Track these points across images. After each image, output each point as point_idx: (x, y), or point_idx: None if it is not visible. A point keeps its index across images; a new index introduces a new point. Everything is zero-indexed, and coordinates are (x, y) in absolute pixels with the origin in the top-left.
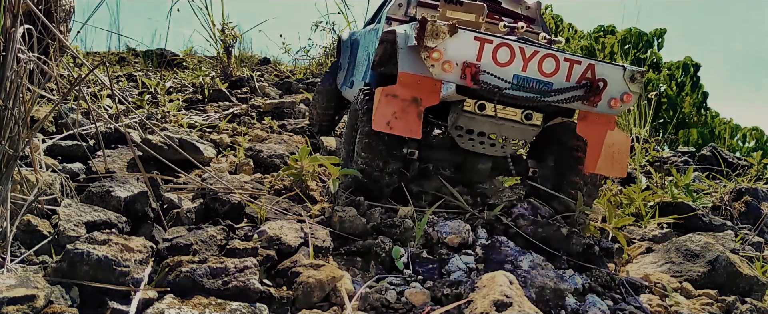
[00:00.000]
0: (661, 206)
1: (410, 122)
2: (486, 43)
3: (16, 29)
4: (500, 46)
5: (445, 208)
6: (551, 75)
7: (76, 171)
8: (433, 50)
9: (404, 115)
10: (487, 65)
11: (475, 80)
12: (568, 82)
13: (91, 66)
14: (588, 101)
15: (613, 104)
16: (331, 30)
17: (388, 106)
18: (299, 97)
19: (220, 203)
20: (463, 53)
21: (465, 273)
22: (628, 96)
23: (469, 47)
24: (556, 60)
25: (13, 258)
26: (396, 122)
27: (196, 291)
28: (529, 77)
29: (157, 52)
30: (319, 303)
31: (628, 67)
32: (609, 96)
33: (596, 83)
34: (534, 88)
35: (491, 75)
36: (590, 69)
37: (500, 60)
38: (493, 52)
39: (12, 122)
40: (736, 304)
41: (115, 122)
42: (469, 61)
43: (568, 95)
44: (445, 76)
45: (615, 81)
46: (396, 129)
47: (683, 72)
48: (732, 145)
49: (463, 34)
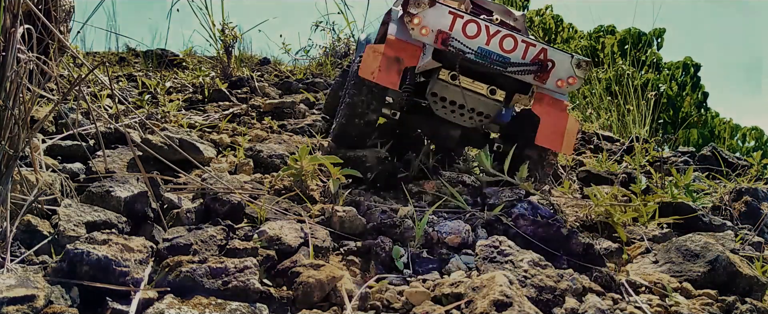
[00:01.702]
0: (661, 206)
1: (391, 74)
2: (458, 17)
3: (16, 29)
4: (469, 21)
5: (445, 208)
6: (510, 52)
7: (76, 171)
8: (415, 16)
9: (387, 69)
10: (456, 34)
11: (445, 43)
12: (523, 59)
13: (91, 66)
14: (538, 77)
15: (559, 84)
16: (331, 30)
17: (375, 60)
18: (299, 97)
19: (220, 204)
20: (438, 22)
21: (465, 273)
22: (574, 79)
23: (444, 18)
24: (515, 40)
25: (13, 258)
26: (379, 74)
27: (196, 291)
28: (491, 50)
29: (157, 52)
30: (319, 303)
31: (575, 56)
32: (557, 77)
33: (546, 63)
34: (494, 60)
35: (459, 42)
36: (543, 52)
37: (468, 33)
38: (463, 25)
39: (12, 122)
40: (736, 304)
41: (115, 122)
42: (443, 30)
43: (521, 68)
44: (422, 39)
45: (563, 64)
46: (378, 79)
47: (683, 72)
48: (732, 145)
49: (440, 6)
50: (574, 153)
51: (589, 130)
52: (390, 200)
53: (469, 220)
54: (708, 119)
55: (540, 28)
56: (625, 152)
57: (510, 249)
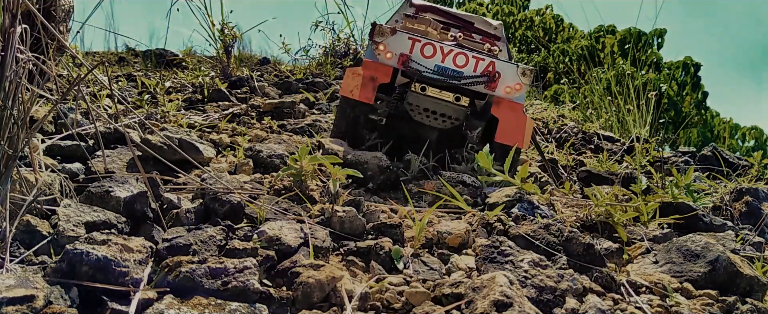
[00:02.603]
0: (662, 207)
1: (368, 91)
2: (416, 42)
3: (14, 29)
4: (426, 44)
5: (445, 208)
6: (462, 67)
7: (76, 171)
8: (380, 44)
9: (364, 87)
10: (415, 56)
11: (405, 64)
12: (475, 72)
13: (91, 66)
14: (488, 86)
15: (507, 91)
16: (331, 30)
17: (353, 79)
18: (299, 97)
19: (219, 204)
20: (399, 46)
21: (465, 273)
22: (520, 85)
23: (404, 43)
24: (466, 57)
25: (13, 258)
26: (357, 91)
27: (195, 292)
28: (446, 67)
29: (157, 52)
30: (319, 303)
31: (520, 65)
32: (504, 84)
33: (494, 74)
34: (449, 74)
35: (417, 63)
36: (491, 65)
37: (426, 53)
38: (421, 48)
39: (11, 122)
40: (736, 304)
41: (115, 122)
42: (404, 53)
43: (472, 80)
44: (387, 62)
45: (509, 74)
46: (356, 96)
47: (683, 72)
48: (732, 144)
49: (401, 34)
50: (575, 153)
51: (589, 130)
52: (390, 200)
53: (469, 220)
54: (708, 118)
55: (540, 28)
56: (626, 152)
57: (510, 249)
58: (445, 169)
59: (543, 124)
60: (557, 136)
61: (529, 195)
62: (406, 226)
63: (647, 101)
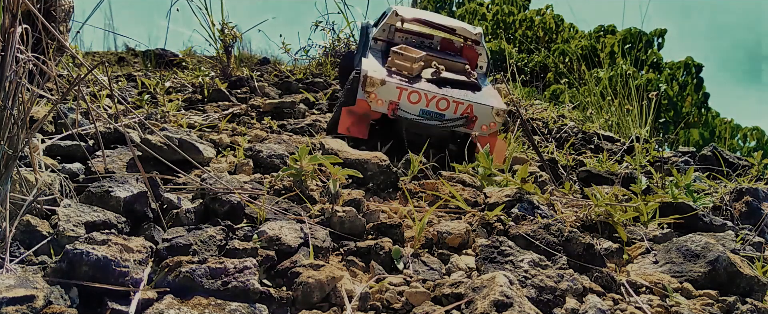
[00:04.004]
0: (662, 207)
1: (362, 129)
2: (403, 90)
3: (14, 29)
4: (412, 92)
5: (445, 208)
6: (444, 110)
7: (76, 171)
8: (371, 93)
9: (358, 124)
10: (403, 103)
11: (393, 113)
12: (455, 114)
13: (90, 66)
14: (467, 126)
15: (483, 128)
16: (331, 30)
17: (348, 118)
18: (299, 97)
19: (219, 204)
20: (389, 94)
21: (465, 273)
22: (494, 124)
23: (393, 92)
24: (448, 101)
25: (13, 259)
26: (353, 128)
27: (195, 292)
28: (430, 110)
29: (157, 52)
30: (319, 303)
31: (494, 107)
32: (481, 123)
33: (472, 116)
34: (433, 117)
35: (404, 110)
36: (470, 107)
37: (412, 100)
38: (408, 95)
39: (11, 122)
40: (736, 304)
41: (115, 122)
42: (393, 100)
43: (454, 123)
44: (377, 108)
45: (485, 115)
46: (352, 133)
47: (684, 72)
48: (732, 145)
49: (390, 84)
50: (575, 153)
51: (589, 130)
52: (390, 200)
53: (469, 220)
54: (709, 119)
55: (540, 28)
56: (626, 152)
57: (510, 249)
58: (445, 169)
59: (543, 124)
60: (557, 136)
61: (529, 195)
62: (406, 226)
63: (648, 101)
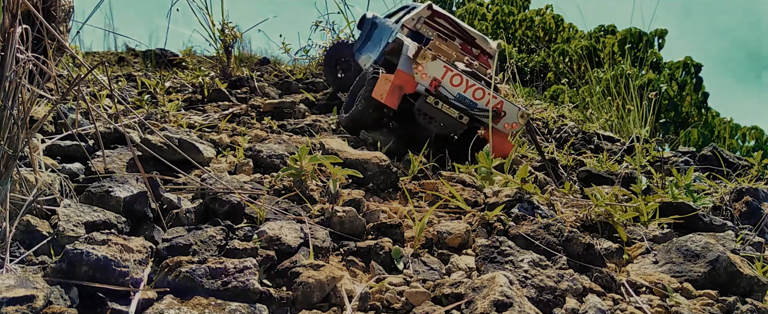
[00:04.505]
0: (662, 207)
1: (394, 98)
2: (449, 71)
3: (14, 29)
4: (456, 75)
5: (445, 208)
6: (479, 100)
7: (76, 171)
8: (419, 65)
9: (391, 93)
10: (445, 83)
11: (435, 88)
12: (486, 106)
13: (90, 66)
14: (494, 120)
15: (506, 127)
16: (331, 30)
17: (384, 85)
18: (299, 97)
19: (219, 204)
20: (434, 71)
21: (465, 273)
22: (516, 125)
23: (439, 69)
24: (484, 93)
25: (13, 259)
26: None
27: (195, 292)
28: (466, 96)
29: (157, 52)
30: (319, 303)
31: (521, 108)
32: (505, 121)
33: (501, 111)
34: (467, 103)
35: (445, 89)
36: (500, 103)
37: (454, 83)
38: (451, 77)
39: (11, 122)
40: (736, 304)
41: (115, 122)
42: (437, 78)
43: (484, 112)
44: (421, 81)
45: (512, 114)
46: (385, 101)
47: (684, 72)
48: (732, 144)
49: (438, 61)
50: (575, 153)
51: (589, 130)
52: (390, 200)
53: (469, 220)
54: (708, 118)
55: (540, 28)
56: (626, 152)
57: (510, 249)
58: (445, 169)
59: (543, 124)
60: (557, 136)
61: (529, 195)
62: (406, 226)
63: (648, 101)
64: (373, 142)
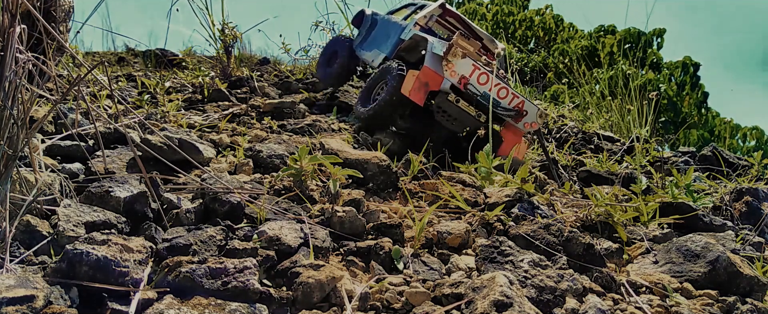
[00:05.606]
0: (662, 207)
1: (421, 95)
2: (476, 69)
3: (14, 29)
4: (483, 73)
5: (445, 208)
6: (502, 98)
7: (76, 171)
8: (449, 62)
9: (418, 90)
10: (473, 81)
11: (464, 86)
12: (509, 105)
13: (90, 66)
14: (514, 118)
15: (525, 126)
16: (331, 30)
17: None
18: (299, 97)
19: (219, 204)
20: (463, 69)
21: (465, 273)
22: (535, 124)
23: (468, 67)
24: (508, 91)
25: (13, 259)
26: (413, 92)
27: (195, 292)
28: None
29: (157, 52)
30: (319, 303)
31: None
32: (526, 120)
33: (523, 111)
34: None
35: (473, 87)
36: (522, 102)
37: (480, 81)
38: (478, 76)
39: (11, 122)
40: (736, 305)
41: (115, 122)
42: (465, 75)
43: (506, 111)
44: (449, 78)
45: (532, 113)
46: (411, 96)
47: (683, 72)
48: (732, 144)
49: (468, 59)
50: (575, 153)
51: (589, 130)
52: (390, 200)
53: (469, 220)
54: (708, 118)
55: (540, 28)
56: (626, 152)
57: (510, 249)
58: (445, 169)
59: (543, 124)
60: (557, 136)
61: (529, 195)
62: (406, 226)
63: (648, 101)
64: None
